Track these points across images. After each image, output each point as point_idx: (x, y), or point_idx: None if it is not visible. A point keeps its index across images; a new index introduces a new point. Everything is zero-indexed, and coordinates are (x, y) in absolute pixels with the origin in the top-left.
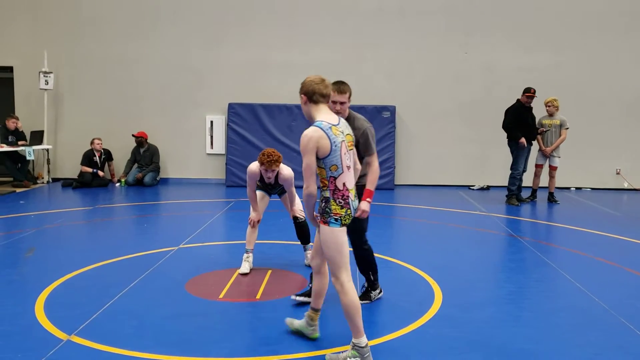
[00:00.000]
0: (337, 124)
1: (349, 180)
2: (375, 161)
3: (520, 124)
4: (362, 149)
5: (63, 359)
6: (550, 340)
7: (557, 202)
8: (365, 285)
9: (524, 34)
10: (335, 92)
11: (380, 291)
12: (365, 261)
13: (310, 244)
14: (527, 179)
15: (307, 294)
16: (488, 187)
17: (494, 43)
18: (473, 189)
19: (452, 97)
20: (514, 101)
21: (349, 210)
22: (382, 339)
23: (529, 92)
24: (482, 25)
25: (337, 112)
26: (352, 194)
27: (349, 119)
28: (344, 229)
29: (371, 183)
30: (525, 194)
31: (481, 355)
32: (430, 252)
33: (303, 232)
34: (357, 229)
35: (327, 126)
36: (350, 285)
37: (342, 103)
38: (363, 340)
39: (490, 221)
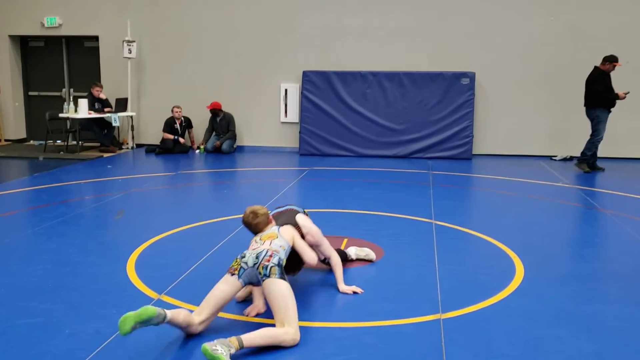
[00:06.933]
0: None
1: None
2: None
3: (608, 91)
4: None
5: None
6: None
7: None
8: None
9: None
10: None
11: None
12: None
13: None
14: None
15: None
16: (571, 158)
17: (582, 0)
18: (555, 160)
19: (536, 63)
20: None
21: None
22: (461, 312)
23: (617, 62)
24: None
25: None
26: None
27: None
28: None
29: None
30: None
31: (568, 330)
32: (510, 225)
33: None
34: None
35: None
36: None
37: None
38: None
39: (574, 193)
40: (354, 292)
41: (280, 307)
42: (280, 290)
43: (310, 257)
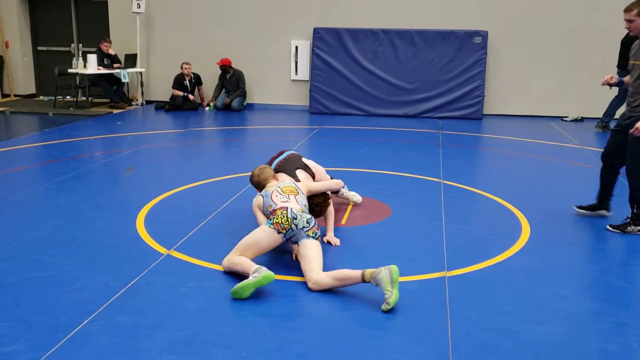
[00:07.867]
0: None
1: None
2: None
3: None
4: None
5: (165, 270)
6: None
7: None
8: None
9: None
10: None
11: None
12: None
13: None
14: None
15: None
16: (582, 119)
17: None
18: (566, 121)
19: (550, 22)
20: (619, 26)
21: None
22: (467, 270)
23: None
24: None
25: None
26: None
27: None
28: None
29: None
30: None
31: (571, 289)
32: (518, 185)
33: None
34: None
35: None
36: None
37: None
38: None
39: (584, 154)
40: (328, 242)
41: (317, 261)
42: (319, 250)
43: (334, 185)
